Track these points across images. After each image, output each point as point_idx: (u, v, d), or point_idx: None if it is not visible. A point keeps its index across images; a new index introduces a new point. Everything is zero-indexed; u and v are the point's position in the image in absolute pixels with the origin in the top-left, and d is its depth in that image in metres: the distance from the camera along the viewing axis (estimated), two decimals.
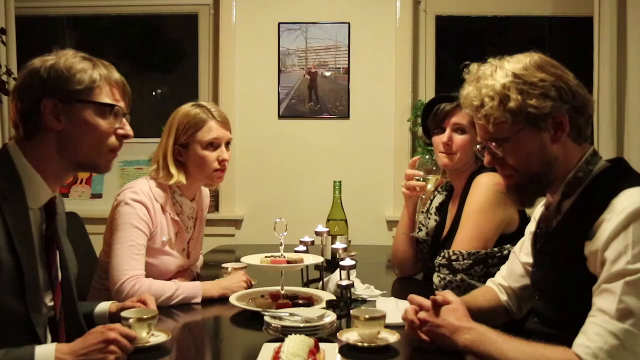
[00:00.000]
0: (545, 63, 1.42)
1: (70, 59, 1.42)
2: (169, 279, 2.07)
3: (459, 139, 2.12)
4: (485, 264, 1.94)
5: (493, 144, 1.45)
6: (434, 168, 2.12)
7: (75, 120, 1.40)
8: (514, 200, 1.52)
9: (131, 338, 1.32)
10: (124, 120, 1.48)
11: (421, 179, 2.13)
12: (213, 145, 2.09)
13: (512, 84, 1.39)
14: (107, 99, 1.43)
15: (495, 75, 1.41)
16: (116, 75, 1.47)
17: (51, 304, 1.45)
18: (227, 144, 2.14)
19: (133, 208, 1.97)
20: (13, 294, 1.31)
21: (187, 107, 2.12)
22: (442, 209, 2.28)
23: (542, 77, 1.39)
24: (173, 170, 2.06)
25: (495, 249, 1.97)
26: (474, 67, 1.48)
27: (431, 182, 2.13)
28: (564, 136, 1.41)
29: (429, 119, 2.22)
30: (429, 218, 2.30)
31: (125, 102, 1.49)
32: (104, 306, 1.69)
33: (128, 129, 1.48)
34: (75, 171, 1.51)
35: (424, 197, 2.17)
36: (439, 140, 2.16)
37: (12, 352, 1.24)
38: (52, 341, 1.44)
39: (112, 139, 1.45)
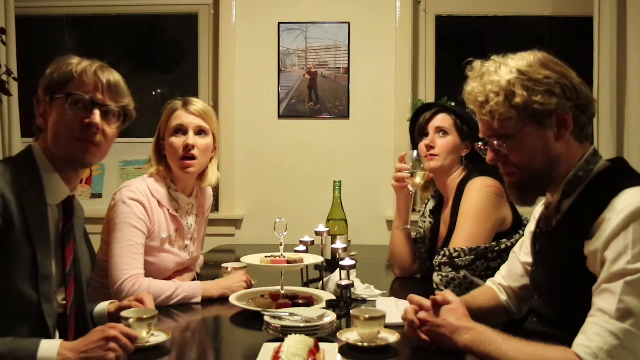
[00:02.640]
0: (549, 61, 1.42)
1: (60, 61, 1.51)
2: (169, 278, 2.07)
3: (440, 141, 2.19)
4: (486, 258, 1.97)
5: (496, 141, 1.45)
6: (422, 166, 2.16)
7: (51, 115, 1.49)
8: (515, 198, 1.52)
9: (132, 338, 1.32)
10: (96, 111, 1.49)
11: (410, 173, 2.17)
12: (180, 131, 2.09)
13: (517, 80, 1.39)
14: (74, 92, 1.48)
15: (499, 72, 1.42)
16: (93, 69, 1.50)
17: (63, 302, 1.51)
18: (201, 132, 2.10)
19: (130, 207, 1.97)
20: (28, 282, 1.39)
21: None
22: (435, 213, 2.31)
23: (547, 74, 1.39)
24: (153, 161, 2.13)
25: (494, 244, 2.00)
26: (477, 64, 1.48)
27: (419, 175, 2.16)
28: (567, 134, 1.41)
29: (415, 132, 2.29)
30: (424, 221, 2.33)
31: (102, 96, 1.50)
32: (102, 306, 1.70)
33: (93, 118, 1.49)
34: (70, 167, 1.54)
35: (412, 190, 2.21)
36: (423, 145, 2.21)
37: (19, 341, 1.29)
38: (60, 337, 1.48)
39: (76, 128, 1.48)
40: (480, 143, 1.53)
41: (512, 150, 1.44)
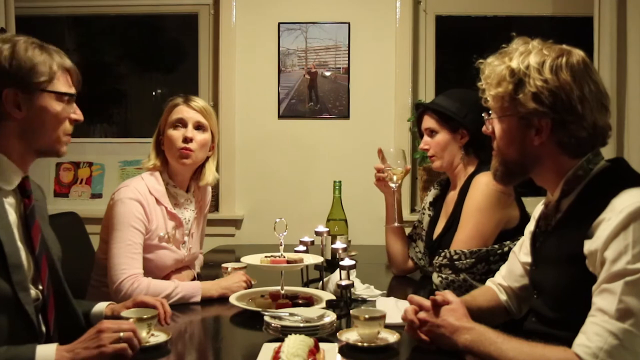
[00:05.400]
0: (567, 68, 1.40)
1: (29, 49, 1.46)
2: (168, 275, 2.08)
3: (431, 141, 2.22)
4: (487, 261, 1.95)
5: (489, 114, 1.51)
6: (399, 161, 2.22)
7: (36, 109, 1.45)
8: (492, 172, 1.55)
9: (127, 329, 1.31)
10: (75, 105, 1.53)
11: (391, 169, 2.25)
12: (180, 124, 2.11)
13: (517, 72, 1.40)
14: (63, 88, 1.49)
15: (513, 58, 1.43)
16: (68, 61, 1.53)
17: (41, 287, 1.47)
18: (200, 127, 2.13)
19: (129, 207, 1.98)
20: None
21: None
22: (436, 204, 2.31)
23: (548, 78, 1.38)
24: (152, 155, 2.14)
25: (496, 246, 1.98)
26: (517, 42, 1.49)
27: (397, 172, 2.24)
28: (550, 143, 1.41)
29: None
30: (424, 214, 2.33)
31: (76, 87, 1.54)
32: (100, 307, 1.70)
33: (79, 113, 1.53)
34: (36, 156, 1.52)
35: (394, 186, 2.27)
36: None
37: (13, 350, 1.27)
38: (44, 322, 1.46)
39: (66, 124, 1.51)
40: (484, 113, 1.57)
41: (494, 130, 1.50)
